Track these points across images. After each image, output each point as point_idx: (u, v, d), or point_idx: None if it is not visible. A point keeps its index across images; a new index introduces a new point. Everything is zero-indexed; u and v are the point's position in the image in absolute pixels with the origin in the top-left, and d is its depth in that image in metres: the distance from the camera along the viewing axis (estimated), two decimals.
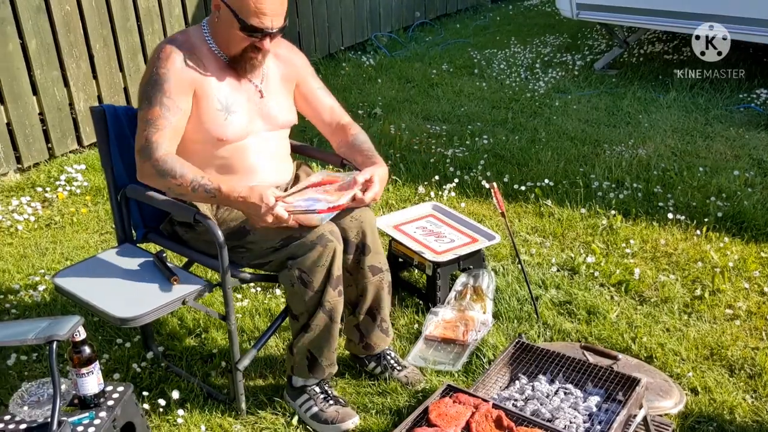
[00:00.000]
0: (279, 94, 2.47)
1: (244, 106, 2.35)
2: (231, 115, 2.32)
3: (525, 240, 3.54)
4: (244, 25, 2.21)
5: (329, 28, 6.56)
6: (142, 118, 2.26)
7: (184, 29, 2.38)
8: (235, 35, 2.25)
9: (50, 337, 1.83)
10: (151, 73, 2.25)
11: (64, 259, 3.47)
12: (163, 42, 2.31)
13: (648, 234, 3.50)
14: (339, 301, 2.33)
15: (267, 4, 2.20)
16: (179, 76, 2.25)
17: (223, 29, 2.28)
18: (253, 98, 2.39)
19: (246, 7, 2.19)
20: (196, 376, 2.65)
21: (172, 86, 2.23)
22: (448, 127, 4.99)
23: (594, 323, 2.88)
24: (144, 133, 2.24)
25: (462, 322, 2.84)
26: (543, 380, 2.36)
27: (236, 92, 2.35)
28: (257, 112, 2.39)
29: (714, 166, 4.16)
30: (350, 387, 2.60)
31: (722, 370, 2.63)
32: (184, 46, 2.29)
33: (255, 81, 2.39)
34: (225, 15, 2.24)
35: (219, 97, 2.31)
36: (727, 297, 3.02)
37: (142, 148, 2.24)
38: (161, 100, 2.23)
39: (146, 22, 4.91)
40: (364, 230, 2.45)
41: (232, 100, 2.33)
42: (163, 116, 2.23)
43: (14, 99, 4.23)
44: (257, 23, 2.21)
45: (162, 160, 2.21)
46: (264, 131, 2.41)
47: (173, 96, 2.24)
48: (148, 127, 2.23)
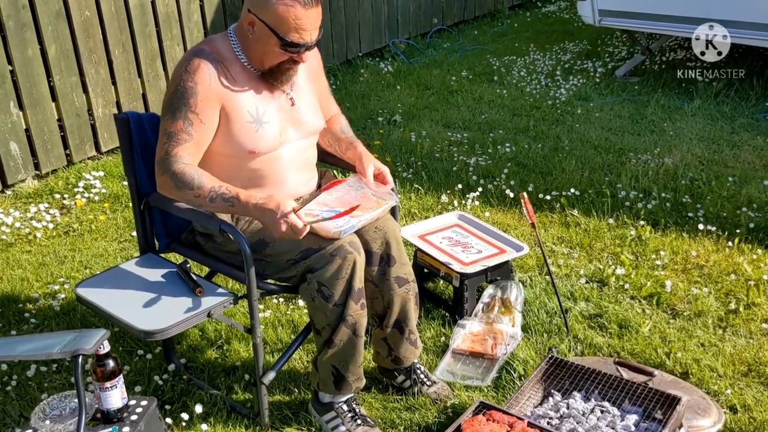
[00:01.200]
0: (308, 98, 2.42)
1: (275, 116, 2.30)
2: (263, 126, 2.26)
3: (551, 251, 3.46)
4: (283, 42, 2.16)
5: (347, 34, 6.51)
6: (163, 130, 2.21)
7: (210, 38, 2.32)
8: (272, 51, 2.19)
9: (76, 351, 1.78)
10: (177, 86, 2.19)
11: (83, 267, 3.43)
12: (191, 53, 2.24)
13: (678, 245, 3.42)
14: (362, 315, 2.27)
15: (306, 19, 2.14)
16: (206, 91, 2.19)
17: (258, 46, 2.21)
18: (285, 107, 2.33)
19: (286, 24, 2.13)
20: (219, 390, 2.59)
21: (199, 100, 2.18)
22: (470, 135, 4.92)
23: (626, 337, 2.80)
24: (165, 146, 2.19)
25: (490, 336, 2.77)
26: (578, 397, 2.29)
27: (267, 102, 2.29)
28: (289, 121, 2.33)
29: (743, 176, 4.07)
30: (377, 402, 2.53)
31: (761, 387, 2.54)
32: (212, 57, 2.22)
33: (286, 89, 2.34)
34: (261, 32, 2.17)
35: (249, 109, 2.25)
36: (763, 311, 2.93)
37: (162, 161, 2.19)
38: (186, 114, 2.17)
39: (165, 28, 4.88)
40: (388, 240, 2.39)
41: (263, 111, 2.27)
42: (185, 130, 2.18)
43: (33, 105, 4.20)
44: (297, 39, 2.16)
45: (180, 173, 2.16)
46: (296, 140, 2.35)
47: (199, 110, 2.18)
48: (170, 140, 2.18)
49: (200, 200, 2.17)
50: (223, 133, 2.24)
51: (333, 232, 2.19)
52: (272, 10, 2.13)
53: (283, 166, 2.35)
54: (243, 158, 2.28)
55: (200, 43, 2.31)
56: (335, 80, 6.19)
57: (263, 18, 2.15)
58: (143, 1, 4.69)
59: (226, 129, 2.24)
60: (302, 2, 2.12)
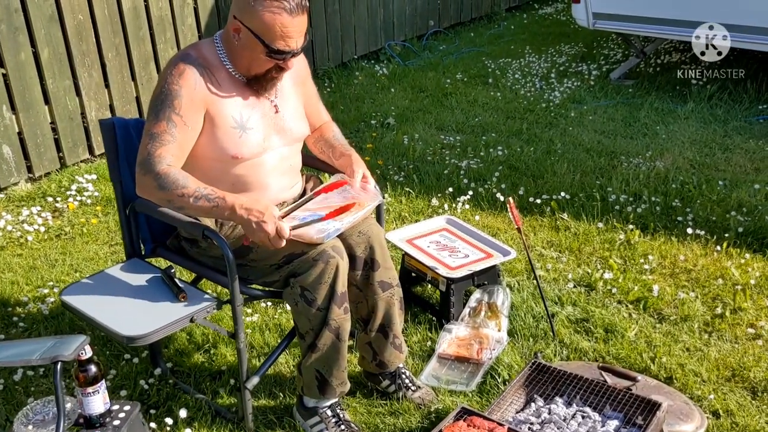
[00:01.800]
0: (293, 105, 2.42)
1: (259, 123, 2.30)
2: (246, 132, 2.27)
3: (540, 255, 3.47)
4: (269, 49, 2.16)
5: (342, 36, 6.53)
6: (147, 131, 2.20)
7: (196, 43, 2.33)
8: (258, 58, 2.19)
9: (55, 358, 1.79)
10: (162, 88, 2.20)
11: (74, 270, 3.44)
12: (177, 57, 2.25)
13: (667, 249, 3.42)
14: (345, 319, 2.28)
15: (292, 27, 2.14)
16: (191, 94, 2.19)
17: (244, 52, 2.21)
18: (269, 114, 2.33)
19: (271, 31, 2.13)
20: (205, 394, 2.60)
21: (183, 102, 2.18)
22: (462, 138, 4.93)
23: (612, 342, 2.81)
24: (147, 147, 2.17)
25: (476, 340, 2.78)
26: (560, 403, 2.30)
27: (251, 109, 2.30)
28: (273, 128, 2.34)
29: (734, 180, 4.08)
30: (361, 406, 2.54)
31: (744, 392, 2.55)
32: (197, 62, 2.22)
33: (270, 96, 2.35)
34: (247, 39, 2.17)
35: (233, 114, 2.26)
36: (749, 315, 2.94)
37: (144, 161, 2.17)
38: (169, 115, 2.17)
39: (159, 31, 4.89)
40: (371, 245, 2.39)
41: (247, 117, 2.28)
42: (169, 131, 2.17)
43: (26, 108, 4.22)
44: (283, 46, 2.16)
45: (164, 173, 2.14)
46: (280, 147, 2.36)
47: (183, 113, 2.18)
48: (152, 141, 2.17)
49: (183, 200, 2.14)
50: (207, 137, 2.25)
51: (316, 238, 2.20)
52: (258, 17, 2.13)
53: (266, 172, 2.36)
54: (226, 163, 2.29)
55: (186, 48, 2.31)
56: (330, 83, 6.20)
57: (249, 25, 2.15)
58: (137, 5, 4.71)
59: (210, 133, 2.24)
60: (288, 9, 2.12)
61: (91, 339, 2.85)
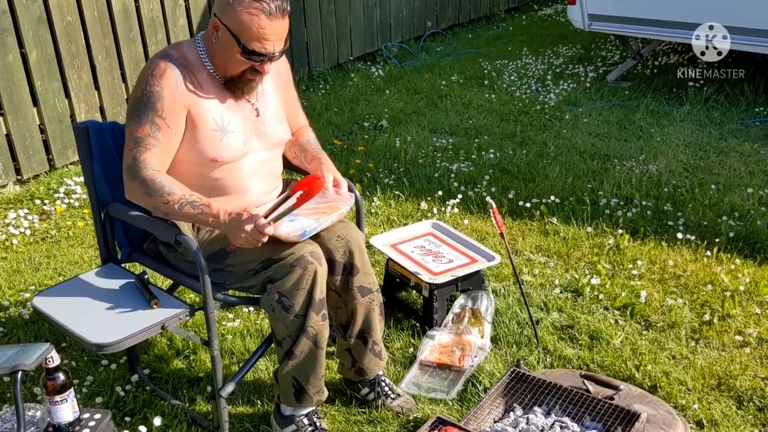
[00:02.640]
0: (275, 109, 2.39)
1: (240, 126, 2.27)
2: (227, 135, 2.23)
3: (528, 259, 3.43)
4: (245, 50, 2.13)
5: (338, 38, 6.49)
6: (130, 135, 2.17)
7: (177, 43, 2.29)
8: (234, 58, 2.17)
9: (15, 367, 1.76)
10: (143, 90, 2.16)
11: (57, 274, 3.41)
12: (157, 57, 2.21)
13: (656, 254, 3.38)
14: (323, 326, 2.24)
15: (270, 30, 2.11)
16: (173, 95, 2.16)
17: (221, 51, 2.18)
18: (249, 117, 2.30)
19: (248, 31, 2.10)
20: (182, 401, 2.57)
21: (165, 105, 2.15)
22: (455, 140, 4.89)
23: (596, 349, 2.76)
24: (132, 152, 2.15)
25: (458, 347, 2.74)
26: (539, 412, 2.26)
27: (232, 112, 2.26)
28: (253, 131, 2.31)
29: (727, 183, 4.03)
30: (340, 414, 2.50)
31: (730, 401, 2.50)
32: (178, 62, 2.20)
33: (251, 100, 2.32)
34: (224, 37, 2.15)
35: (215, 117, 2.23)
36: (737, 323, 2.89)
37: (130, 167, 2.16)
38: (152, 118, 2.14)
39: (150, 33, 4.87)
40: (351, 250, 2.36)
41: (228, 120, 2.24)
42: (153, 135, 2.15)
43: (14, 110, 4.19)
44: (259, 48, 2.13)
45: (150, 179, 2.13)
46: (260, 151, 2.33)
47: (165, 115, 2.15)
48: (137, 146, 2.15)
49: (168, 207, 2.13)
50: (188, 139, 2.22)
51: (293, 236, 2.17)
52: (236, 16, 2.11)
53: (245, 176, 2.32)
54: (205, 166, 2.25)
55: (166, 48, 2.28)
56: (325, 84, 6.16)
57: (227, 23, 2.13)
58: (127, 6, 4.68)
59: (191, 135, 2.21)
60: (267, 12, 2.09)
61: (70, 344, 2.84)
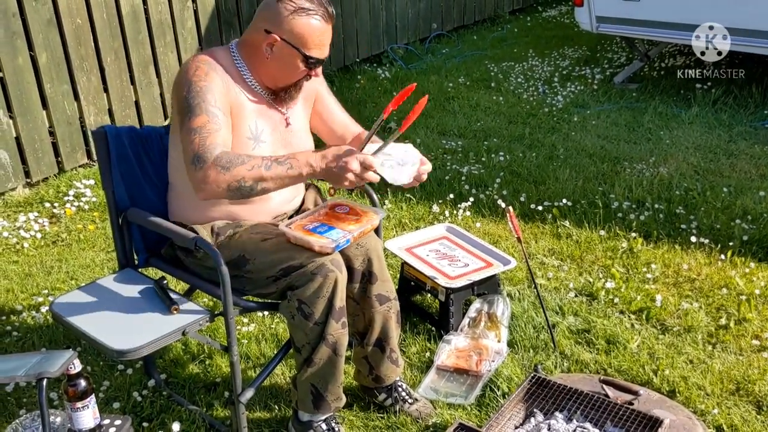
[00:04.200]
0: (302, 120, 2.41)
1: (270, 136, 2.28)
2: (259, 144, 2.24)
3: (542, 263, 3.42)
4: (308, 58, 2.19)
5: (345, 40, 6.48)
6: (187, 129, 2.09)
7: (211, 50, 2.27)
8: (294, 68, 2.22)
9: (40, 374, 1.75)
10: (190, 86, 2.13)
11: (69, 278, 3.40)
12: (197, 60, 2.19)
13: (670, 258, 3.37)
14: (343, 334, 2.23)
15: (327, 34, 2.22)
16: (221, 91, 2.16)
17: (276, 64, 2.21)
18: (279, 128, 2.31)
19: (310, 40, 2.18)
20: (199, 406, 2.56)
21: (217, 97, 2.14)
22: (464, 143, 4.88)
23: (613, 354, 2.76)
24: (194, 142, 2.05)
25: (475, 351, 2.73)
26: (560, 418, 2.25)
27: (265, 121, 2.27)
28: (281, 142, 2.31)
29: (738, 186, 4.02)
30: (358, 420, 2.50)
31: (749, 406, 2.49)
32: (217, 66, 2.20)
33: (283, 109, 2.32)
34: (283, 50, 2.18)
35: (250, 125, 2.23)
36: (754, 327, 2.89)
37: (196, 156, 2.04)
38: (207, 108, 2.10)
39: (158, 35, 4.86)
40: (369, 257, 2.35)
41: (261, 129, 2.26)
42: (212, 121, 2.09)
43: (24, 113, 4.18)
44: (318, 54, 2.22)
45: (222, 156, 2.04)
46: None
47: (219, 105, 2.14)
48: (198, 135, 2.06)
49: (254, 173, 2.02)
50: None
51: (327, 248, 2.16)
52: (296, 28, 2.16)
53: None
54: None
55: (202, 52, 2.27)
56: (332, 87, 6.13)
57: (285, 36, 2.17)
58: (136, 8, 4.67)
59: None
60: (324, 18, 2.19)
61: (85, 349, 2.83)
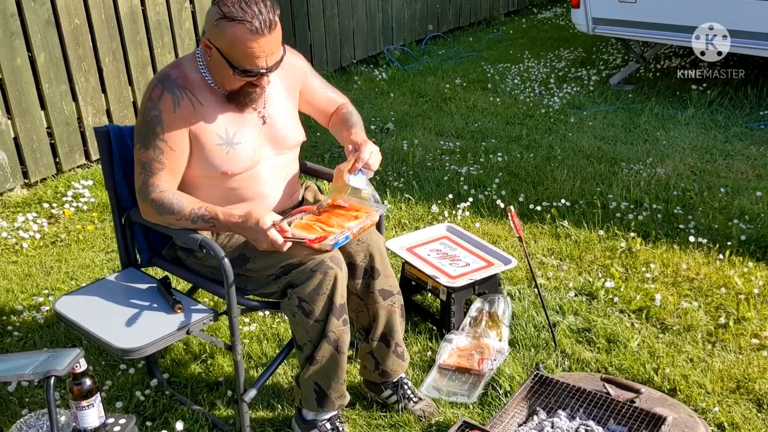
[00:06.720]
0: (285, 112, 2.37)
1: (248, 136, 2.26)
2: (234, 147, 2.22)
3: (541, 262, 3.43)
4: (237, 70, 2.10)
5: (341, 41, 6.49)
6: (137, 160, 2.21)
7: (178, 61, 2.25)
8: (229, 76, 2.13)
9: (48, 373, 1.75)
10: (143, 115, 2.18)
11: (69, 278, 3.40)
12: (155, 80, 2.19)
13: (669, 258, 3.39)
14: (344, 331, 2.24)
15: (258, 47, 2.05)
16: (171, 118, 2.15)
17: (216, 68, 2.16)
18: (257, 125, 2.29)
19: (237, 52, 2.06)
20: (202, 406, 2.56)
21: (165, 128, 2.15)
22: (462, 144, 4.90)
23: (614, 352, 2.77)
24: (140, 176, 2.21)
25: (477, 350, 2.74)
26: (563, 416, 2.26)
27: (238, 123, 2.24)
28: (265, 138, 2.30)
29: (735, 186, 4.05)
30: (361, 418, 2.50)
31: (750, 404, 2.51)
32: (176, 83, 2.16)
33: (257, 107, 2.29)
34: (216, 57, 2.12)
35: (218, 131, 2.21)
36: (753, 326, 2.90)
37: (140, 190, 2.22)
38: (155, 143, 2.16)
39: (156, 36, 4.86)
40: (371, 253, 2.36)
41: (233, 132, 2.23)
42: (157, 159, 2.17)
43: (22, 113, 4.18)
44: (250, 66, 2.09)
45: (159, 200, 2.18)
46: (273, 156, 2.33)
47: (167, 137, 2.16)
48: (144, 170, 2.19)
49: (182, 223, 2.19)
50: (196, 156, 2.22)
51: (325, 246, 2.16)
52: (222, 37, 2.06)
53: (262, 183, 2.32)
54: (218, 179, 2.26)
55: (167, 67, 2.25)
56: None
57: (216, 44, 2.09)
58: (134, 9, 4.67)
59: (198, 152, 2.21)
60: (252, 30, 2.02)
61: (87, 349, 2.83)
